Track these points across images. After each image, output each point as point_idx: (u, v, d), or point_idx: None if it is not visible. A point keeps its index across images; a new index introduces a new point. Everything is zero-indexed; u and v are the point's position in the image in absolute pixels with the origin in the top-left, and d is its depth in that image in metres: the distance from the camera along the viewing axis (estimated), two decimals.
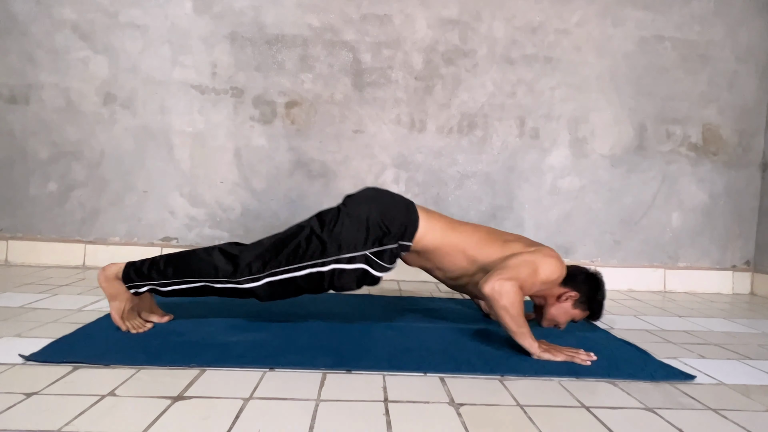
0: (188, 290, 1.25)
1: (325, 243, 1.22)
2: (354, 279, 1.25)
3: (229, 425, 0.80)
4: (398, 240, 1.27)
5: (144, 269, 1.24)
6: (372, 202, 1.29)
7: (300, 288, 1.25)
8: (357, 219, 1.25)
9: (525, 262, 1.23)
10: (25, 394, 0.87)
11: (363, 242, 1.23)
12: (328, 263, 1.22)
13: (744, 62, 2.31)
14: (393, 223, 1.26)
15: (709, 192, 2.33)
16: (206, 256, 1.24)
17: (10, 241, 2.12)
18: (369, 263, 1.24)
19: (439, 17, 2.21)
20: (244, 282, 1.22)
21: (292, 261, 1.22)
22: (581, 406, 0.95)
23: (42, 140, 2.13)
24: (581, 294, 1.35)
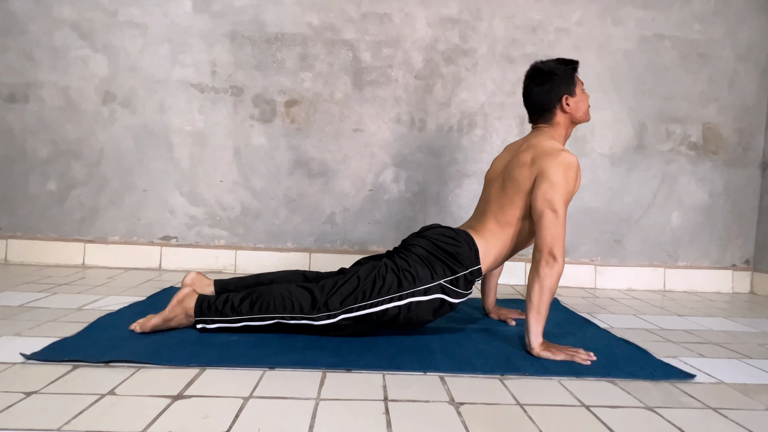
0: (259, 327, 1.25)
1: (400, 277, 1.24)
2: (431, 309, 1.26)
3: (228, 424, 0.80)
4: (467, 267, 1.29)
5: (218, 305, 1.23)
6: (432, 236, 1.32)
7: (375, 322, 1.25)
8: (424, 254, 1.28)
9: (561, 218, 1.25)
10: (24, 393, 0.87)
11: (436, 273, 1.26)
12: (404, 297, 1.23)
13: (744, 61, 2.31)
14: (457, 252, 1.28)
15: (708, 191, 2.33)
16: (284, 290, 1.24)
17: (10, 240, 2.12)
18: (445, 292, 1.26)
19: (439, 16, 2.21)
20: (320, 319, 1.22)
21: (369, 297, 1.22)
22: (581, 405, 0.95)
23: (41, 139, 2.13)
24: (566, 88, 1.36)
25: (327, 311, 1.22)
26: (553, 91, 1.36)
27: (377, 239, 2.23)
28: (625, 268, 2.29)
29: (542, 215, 1.23)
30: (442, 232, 1.33)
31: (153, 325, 1.22)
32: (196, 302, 1.24)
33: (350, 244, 2.23)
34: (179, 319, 1.24)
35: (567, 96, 1.36)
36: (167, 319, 1.23)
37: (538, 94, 1.38)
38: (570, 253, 2.29)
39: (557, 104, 1.37)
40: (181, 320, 1.25)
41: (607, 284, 2.28)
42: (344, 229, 2.22)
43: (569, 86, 1.36)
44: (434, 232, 1.34)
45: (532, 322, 1.19)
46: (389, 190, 2.23)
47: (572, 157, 1.29)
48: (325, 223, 2.22)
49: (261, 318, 1.23)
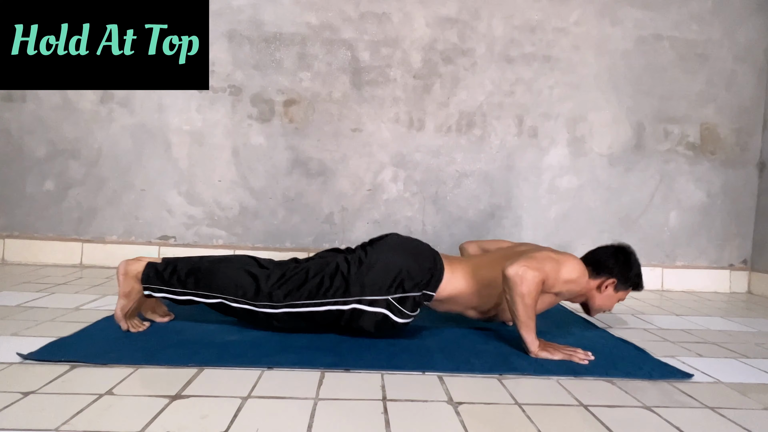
0: (204, 303, 1.25)
1: (348, 282, 1.22)
2: (373, 322, 1.23)
3: (227, 424, 0.80)
4: (422, 289, 1.27)
5: (165, 274, 1.23)
6: (398, 249, 1.30)
7: (317, 322, 1.25)
8: (382, 264, 1.24)
9: (550, 257, 1.24)
10: (22, 393, 0.87)
11: (387, 287, 1.23)
12: (349, 302, 1.22)
13: (742, 61, 2.32)
14: (417, 272, 1.25)
15: (706, 191, 2.33)
16: (231, 272, 1.24)
17: (7, 239, 2.11)
18: (390, 309, 1.23)
19: (437, 16, 2.21)
20: (262, 307, 1.22)
21: (314, 296, 1.21)
22: (579, 405, 0.95)
23: (39, 138, 2.12)
24: (618, 278, 1.37)
25: (270, 301, 1.21)
26: (615, 270, 1.36)
27: None
28: None
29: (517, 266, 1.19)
30: (414, 246, 1.32)
31: (122, 310, 1.22)
32: (144, 269, 1.23)
33: (349, 243, 2.23)
34: (137, 289, 1.23)
35: (613, 284, 1.37)
36: (125, 294, 1.22)
37: (608, 258, 1.38)
38: None
39: (599, 277, 1.36)
40: (140, 289, 1.23)
41: None
42: (343, 229, 2.22)
43: (623, 284, 1.38)
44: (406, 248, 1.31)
45: (524, 335, 1.19)
46: (388, 189, 2.22)
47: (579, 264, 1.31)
48: (323, 222, 2.22)
49: (205, 295, 1.23)
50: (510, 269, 1.17)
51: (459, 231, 2.24)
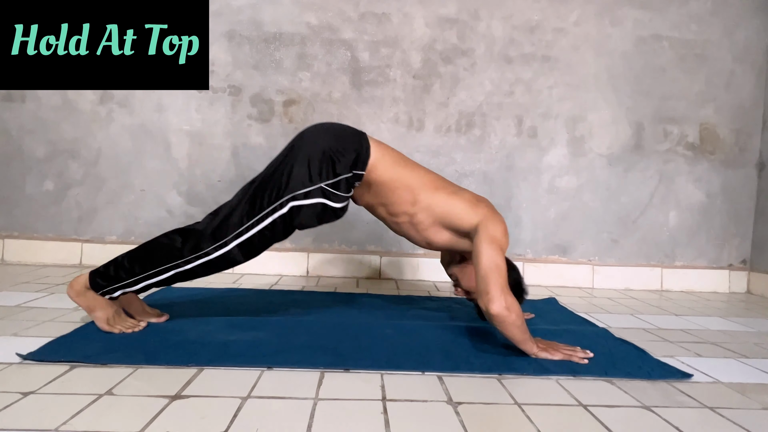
0: (162, 282, 1.23)
1: (279, 184, 1.20)
2: (314, 215, 1.22)
3: (227, 424, 0.80)
4: (351, 169, 1.25)
5: (110, 272, 1.21)
6: (323, 134, 1.28)
7: (269, 239, 1.23)
8: (309, 153, 1.22)
9: (498, 266, 1.18)
10: (21, 394, 0.87)
11: (317, 175, 1.21)
12: (285, 203, 1.20)
13: (741, 62, 2.32)
14: (345, 151, 1.24)
15: (706, 191, 2.34)
16: (167, 240, 1.22)
17: (7, 239, 2.11)
18: (326, 195, 1.22)
19: (437, 16, 2.21)
20: (212, 251, 1.20)
21: (252, 215, 1.20)
22: (579, 405, 0.95)
23: (38, 138, 2.12)
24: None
25: (216, 242, 1.20)
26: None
27: (375, 239, 2.23)
28: (623, 268, 2.30)
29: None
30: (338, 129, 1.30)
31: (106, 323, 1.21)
32: (89, 278, 1.22)
33: (348, 243, 2.23)
34: (96, 302, 1.21)
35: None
36: (91, 309, 1.21)
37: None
38: (568, 253, 2.29)
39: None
40: (99, 301, 1.22)
41: (604, 284, 2.28)
42: (342, 229, 2.22)
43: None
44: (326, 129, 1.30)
45: (520, 346, 1.17)
46: None
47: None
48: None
49: (157, 273, 1.21)
50: (493, 307, 1.12)
51: None
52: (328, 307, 1.61)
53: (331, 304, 1.65)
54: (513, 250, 2.27)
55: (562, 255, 2.29)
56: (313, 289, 1.92)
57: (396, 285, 2.10)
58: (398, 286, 2.09)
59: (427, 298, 1.85)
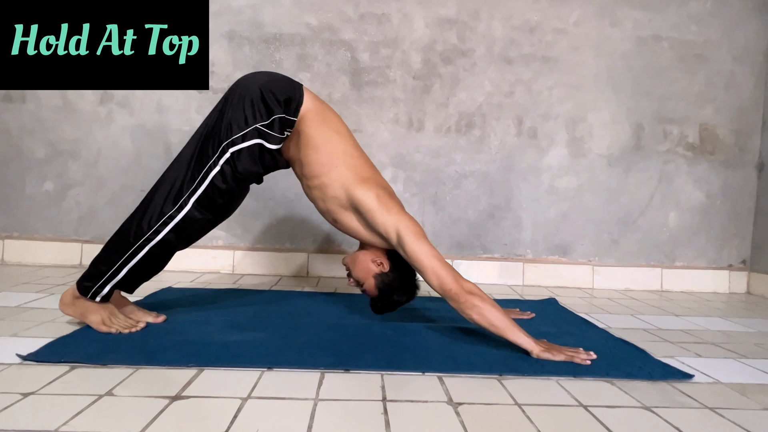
0: (142, 263, 1.23)
1: (218, 132, 1.22)
2: (253, 157, 1.23)
3: (227, 425, 0.80)
4: (283, 111, 1.26)
5: (92, 271, 1.23)
6: (256, 78, 1.30)
7: (225, 192, 1.24)
8: (242, 97, 1.24)
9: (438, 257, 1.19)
10: (22, 394, 0.87)
11: (252, 116, 1.22)
12: (225, 149, 1.21)
13: (740, 62, 2.32)
14: (278, 93, 1.25)
15: (705, 192, 2.34)
16: (129, 218, 1.24)
17: (7, 240, 2.11)
18: (261, 136, 1.23)
19: (437, 16, 2.21)
20: (175, 214, 1.21)
21: (201, 168, 1.22)
22: (579, 405, 0.95)
23: (38, 139, 2.12)
24: (390, 273, 1.32)
25: (176, 204, 1.21)
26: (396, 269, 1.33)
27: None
28: (623, 269, 2.30)
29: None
30: (273, 75, 1.31)
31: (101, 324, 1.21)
32: (76, 286, 1.23)
33: (348, 244, 2.23)
34: (86, 307, 1.23)
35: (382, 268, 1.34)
36: (84, 316, 1.23)
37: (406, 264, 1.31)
38: (568, 254, 2.29)
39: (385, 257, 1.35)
40: (89, 305, 1.23)
41: (604, 284, 2.28)
42: None
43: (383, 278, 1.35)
44: (262, 75, 1.31)
45: (513, 339, 1.17)
46: None
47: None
48: (323, 223, 2.21)
49: (133, 254, 1.21)
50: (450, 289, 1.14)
51: (458, 231, 2.24)
52: (327, 307, 1.61)
53: (331, 305, 1.65)
54: (513, 250, 2.27)
55: (562, 255, 2.29)
56: (313, 290, 1.92)
57: None
58: None
59: (427, 299, 1.84)
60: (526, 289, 2.15)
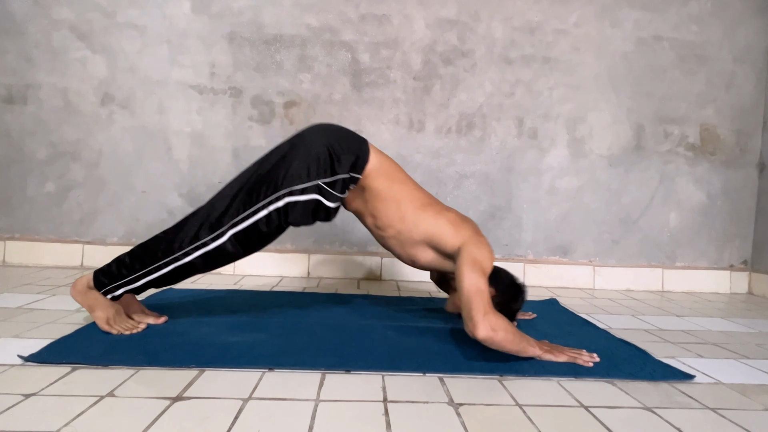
0: (163, 277, 1.23)
1: (276, 178, 1.21)
2: (308, 212, 1.23)
3: (228, 426, 0.80)
4: (349, 171, 1.26)
5: (113, 270, 1.23)
6: (324, 132, 1.29)
7: (265, 234, 1.23)
8: (308, 150, 1.23)
9: (479, 290, 1.16)
10: (23, 395, 0.87)
11: (315, 172, 1.22)
12: (281, 197, 1.20)
13: (741, 63, 2.32)
14: (345, 152, 1.25)
15: (706, 192, 2.34)
16: (162, 235, 1.24)
17: (8, 241, 2.12)
18: (322, 193, 1.23)
19: (437, 17, 2.21)
20: (209, 242, 1.20)
21: (248, 205, 1.20)
22: (580, 406, 0.95)
23: (40, 140, 2.12)
24: (497, 294, 1.31)
25: (212, 232, 1.20)
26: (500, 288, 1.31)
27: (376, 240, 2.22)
28: (624, 269, 2.30)
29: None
30: (341, 130, 1.31)
31: (106, 323, 1.22)
32: (93, 277, 1.23)
33: (349, 245, 2.23)
34: (99, 299, 1.23)
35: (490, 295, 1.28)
36: (92, 308, 1.23)
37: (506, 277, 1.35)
38: (569, 254, 2.29)
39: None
40: (100, 300, 1.23)
41: (605, 285, 2.28)
42: (343, 230, 2.22)
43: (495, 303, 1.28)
44: (330, 129, 1.31)
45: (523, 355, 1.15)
46: None
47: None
48: (324, 224, 2.21)
49: (158, 267, 1.22)
50: (479, 332, 1.10)
51: None
52: (329, 308, 1.61)
53: (332, 306, 1.65)
54: (514, 251, 2.27)
55: (562, 256, 2.29)
56: (314, 291, 1.92)
57: (397, 286, 2.10)
58: (399, 287, 2.09)
59: (428, 299, 1.85)
60: (527, 290, 2.15)
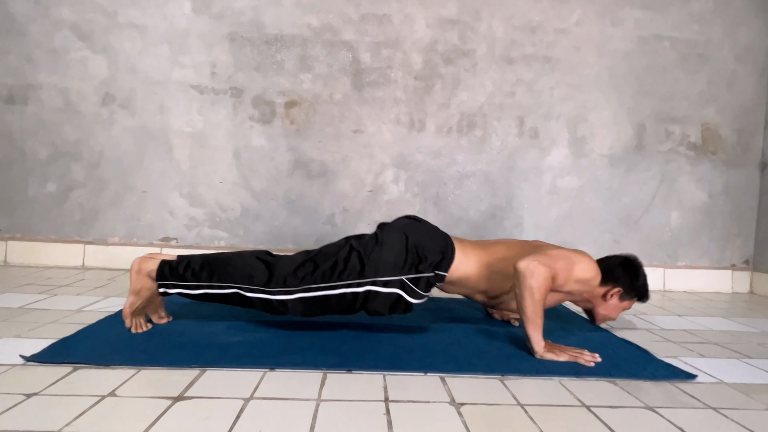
0: (218, 296, 1.24)
1: (363, 264, 1.21)
2: (387, 304, 1.24)
3: (229, 425, 0.80)
4: (434, 269, 1.27)
5: (180, 269, 1.23)
6: (410, 229, 1.30)
7: (332, 307, 1.24)
8: (394, 244, 1.25)
9: (563, 255, 1.24)
10: (25, 395, 0.87)
11: (401, 267, 1.23)
12: (363, 284, 1.21)
13: (743, 62, 2.32)
14: (429, 252, 1.26)
15: (708, 191, 2.33)
16: (242, 261, 1.24)
17: (9, 241, 2.12)
18: (404, 289, 1.24)
19: (438, 17, 2.21)
20: (276, 293, 1.21)
21: (328, 279, 1.21)
22: (582, 406, 0.95)
23: (41, 141, 2.12)
24: (624, 287, 1.37)
25: (284, 287, 1.21)
26: (622, 279, 1.37)
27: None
28: None
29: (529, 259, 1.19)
30: (428, 232, 1.32)
31: (129, 305, 1.22)
32: (158, 266, 1.23)
33: None
34: (148, 286, 1.24)
35: (619, 293, 1.38)
36: (135, 291, 1.23)
37: (613, 266, 1.38)
38: None
39: (609, 285, 1.37)
40: (151, 287, 1.24)
41: None
42: (344, 230, 2.22)
43: (628, 294, 1.39)
44: (419, 228, 1.32)
45: (531, 333, 1.18)
46: (389, 190, 2.23)
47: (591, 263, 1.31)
48: (325, 223, 2.22)
49: (220, 286, 1.23)
50: (521, 263, 1.17)
51: (460, 232, 2.24)
52: None
53: None
54: None
55: None
56: None
57: None
58: None
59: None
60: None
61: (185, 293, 1.25)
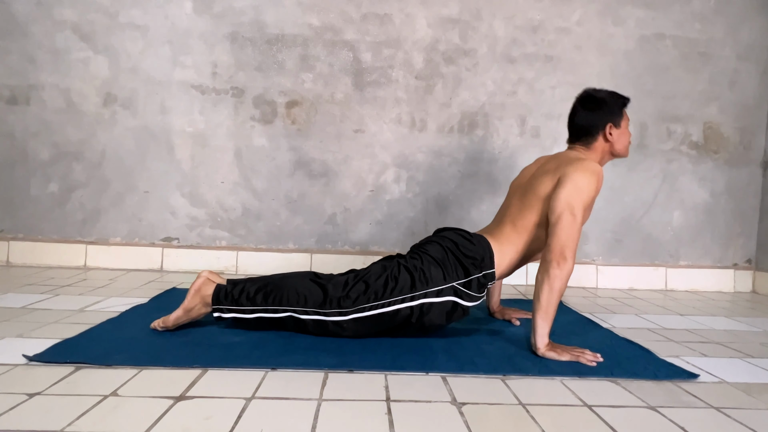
0: (272, 320, 1.26)
1: (413, 278, 1.24)
2: (444, 312, 1.25)
3: (231, 425, 0.80)
4: (482, 270, 1.29)
5: (234, 294, 1.25)
6: (444, 238, 1.34)
7: (387, 325, 1.25)
8: (436, 254, 1.28)
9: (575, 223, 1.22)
10: (27, 395, 0.88)
11: (449, 274, 1.26)
12: (417, 297, 1.23)
13: (745, 60, 2.31)
14: (471, 253, 1.29)
15: (710, 190, 2.33)
16: (298, 283, 1.26)
17: (12, 242, 2.12)
18: (458, 294, 1.26)
19: (439, 16, 2.21)
20: (331, 314, 1.22)
21: (381, 297, 1.22)
22: (583, 405, 0.94)
23: (43, 141, 2.13)
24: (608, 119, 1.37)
25: (339, 308, 1.22)
26: (601, 117, 1.38)
27: (378, 240, 2.23)
28: (627, 268, 2.29)
29: (561, 217, 1.22)
30: (459, 234, 1.35)
31: (175, 318, 1.24)
32: (213, 291, 1.26)
33: (351, 244, 2.23)
34: (198, 308, 1.27)
35: (612, 125, 1.38)
36: (187, 309, 1.25)
37: (585, 117, 1.40)
38: None
39: (601, 131, 1.38)
40: (201, 309, 1.27)
41: (608, 284, 2.28)
42: (345, 230, 2.22)
43: (616, 117, 1.39)
44: (450, 234, 1.35)
45: (539, 323, 1.19)
46: (390, 190, 2.23)
47: (597, 166, 1.30)
48: (326, 223, 2.22)
49: (275, 310, 1.25)
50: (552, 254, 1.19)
51: None
52: None
53: None
54: None
55: None
56: None
57: None
58: None
59: None
60: (530, 289, 2.15)
61: (240, 317, 1.26)
